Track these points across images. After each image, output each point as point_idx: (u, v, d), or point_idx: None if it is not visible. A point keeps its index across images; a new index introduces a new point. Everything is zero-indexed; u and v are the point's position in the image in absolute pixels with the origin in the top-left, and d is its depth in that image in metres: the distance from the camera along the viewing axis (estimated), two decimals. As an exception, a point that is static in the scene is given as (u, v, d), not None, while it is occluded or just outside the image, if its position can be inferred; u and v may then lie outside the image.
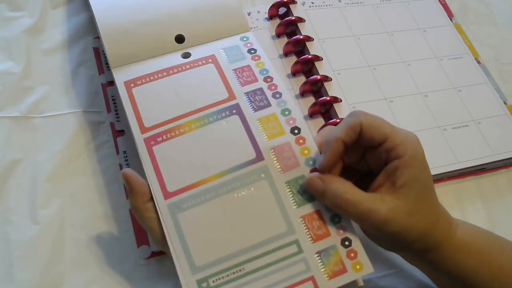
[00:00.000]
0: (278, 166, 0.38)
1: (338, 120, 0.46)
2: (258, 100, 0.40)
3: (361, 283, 0.36)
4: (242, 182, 0.37)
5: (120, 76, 0.41)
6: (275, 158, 0.38)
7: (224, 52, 0.43)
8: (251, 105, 0.40)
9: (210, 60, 0.42)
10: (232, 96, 0.40)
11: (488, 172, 0.50)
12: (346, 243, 0.36)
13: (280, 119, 0.39)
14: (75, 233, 0.43)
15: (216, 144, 0.38)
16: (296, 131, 0.39)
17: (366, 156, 0.38)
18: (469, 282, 0.37)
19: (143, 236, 0.42)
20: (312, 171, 0.37)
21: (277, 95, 0.40)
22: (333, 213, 0.37)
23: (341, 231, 0.36)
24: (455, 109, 0.51)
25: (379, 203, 0.34)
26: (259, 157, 0.38)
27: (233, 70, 0.42)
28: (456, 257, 0.36)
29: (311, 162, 0.38)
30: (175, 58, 0.42)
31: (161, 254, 0.42)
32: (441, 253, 0.36)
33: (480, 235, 0.38)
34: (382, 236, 0.36)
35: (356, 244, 0.36)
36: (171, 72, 0.41)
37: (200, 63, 0.42)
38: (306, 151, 0.38)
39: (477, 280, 0.36)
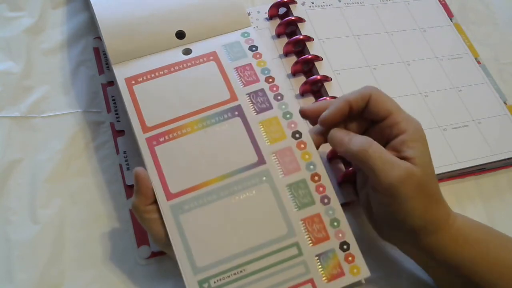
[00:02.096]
0: (280, 170, 0.38)
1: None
2: (260, 102, 0.40)
3: (363, 282, 0.36)
4: (244, 185, 0.37)
5: (121, 73, 0.41)
6: (276, 162, 0.38)
7: (225, 49, 0.43)
8: (253, 107, 0.40)
9: (211, 57, 0.42)
10: (234, 97, 0.40)
11: (488, 172, 0.50)
12: (345, 247, 0.36)
13: (281, 123, 0.39)
14: (75, 233, 0.43)
15: (218, 146, 0.38)
16: (297, 135, 0.39)
17: (369, 132, 0.39)
18: (466, 273, 0.37)
19: (143, 236, 0.42)
20: (313, 175, 0.38)
21: (279, 97, 0.40)
22: (332, 217, 0.37)
23: (340, 235, 0.37)
24: (455, 109, 0.51)
25: (399, 160, 0.36)
26: (261, 161, 0.38)
27: (234, 69, 0.42)
28: (453, 246, 0.37)
29: (311, 167, 0.38)
30: (176, 55, 0.42)
31: (161, 254, 0.42)
32: (438, 240, 0.37)
33: (478, 227, 0.39)
34: (389, 200, 0.36)
35: (354, 248, 0.37)
36: (172, 69, 0.41)
37: (201, 60, 0.42)
38: (307, 156, 0.38)
39: (473, 271, 0.37)
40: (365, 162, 0.36)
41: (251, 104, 0.40)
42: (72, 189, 0.45)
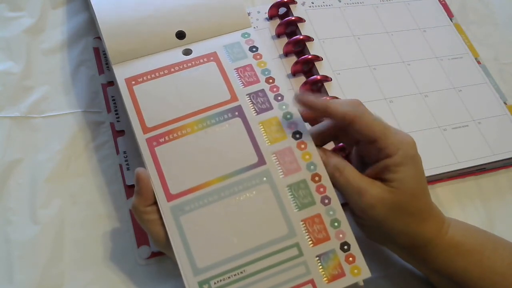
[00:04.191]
0: (280, 170, 0.38)
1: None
2: (260, 103, 0.40)
3: (361, 283, 0.36)
4: (244, 186, 0.37)
5: (121, 73, 0.41)
6: (277, 163, 0.38)
7: (226, 50, 0.42)
8: (253, 108, 0.40)
9: (212, 58, 0.42)
10: (234, 97, 0.40)
11: (488, 172, 0.50)
12: (345, 247, 0.36)
13: (282, 123, 0.39)
14: (75, 233, 0.43)
15: (218, 147, 0.38)
16: (297, 136, 0.39)
17: (359, 147, 0.39)
18: (460, 281, 0.37)
19: (143, 236, 0.42)
20: (313, 176, 0.38)
21: (279, 98, 0.40)
22: (333, 217, 0.37)
23: (340, 236, 0.37)
24: (455, 109, 0.51)
25: (369, 186, 0.36)
26: (261, 161, 0.38)
27: (235, 69, 0.41)
28: (445, 256, 0.37)
29: (312, 167, 0.38)
30: (176, 55, 0.42)
31: (161, 254, 0.42)
32: (429, 251, 0.37)
33: (472, 235, 0.39)
34: (368, 222, 0.37)
35: (355, 249, 0.37)
36: (172, 70, 0.41)
37: (201, 60, 0.42)
38: (307, 156, 0.38)
39: (467, 279, 0.37)
40: (336, 187, 0.37)
41: (251, 105, 0.40)
42: (72, 189, 0.45)
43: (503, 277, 0.37)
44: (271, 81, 0.41)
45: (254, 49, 0.43)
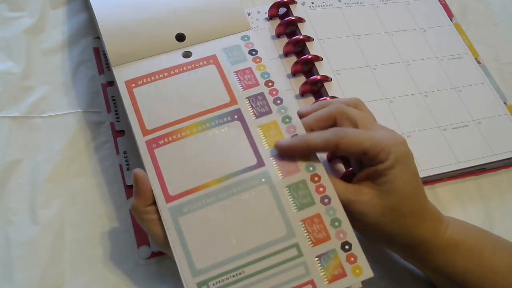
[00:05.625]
0: (279, 171, 0.38)
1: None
2: (260, 106, 0.40)
3: (359, 285, 0.36)
4: (243, 187, 0.37)
5: (121, 75, 0.41)
6: (275, 164, 0.38)
7: (225, 53, 0.42)
8: (253, 111, 0.40)
9: (211, 61, 0.42)
10: (233, 100, 0.40)
11: (488, 172, 0.50)
12: (346, 247, 0.36)
13: (280, 127, 0.39)
14: (75, 233, 0.43)
15: (217, 149, 0.38)
16: None
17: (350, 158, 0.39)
18: (460, 281, 0.37)
19: (143, 236, 0.42)
20: (312, 176, 0.38)
21: (278, 101, 0.40)
22: (333, 217, 0.37)
23: (341, 235, 0.36)
24: (455, 109, 0.51)
25: (357, 195, 0.36)
26: (260, 163, 0.38)
27: (234, 72, 0.41)
28: (444, 255, 0.37)
29: (311, 168, 0.38)
30: (176, 57, 0.42)
31: (161, 254, 0.42)
32: (427, 251, 0.37)
33: (472, 234, 0.39)
34: (364, 226, 0.37)
35: (356, 248, 0.36)
36: (172, 72, 0.41)
37: (201, 63, 0.42)
38: (306, 157, 0.38)
39: (467, 279, 0.37)
40: None
41: (251, 108, 0.40)
42: (72, 189, 0.45)
43: (503, 276, 0.37)
44: (270, 84, 0.41)
45: (253, 52, 0.43)
